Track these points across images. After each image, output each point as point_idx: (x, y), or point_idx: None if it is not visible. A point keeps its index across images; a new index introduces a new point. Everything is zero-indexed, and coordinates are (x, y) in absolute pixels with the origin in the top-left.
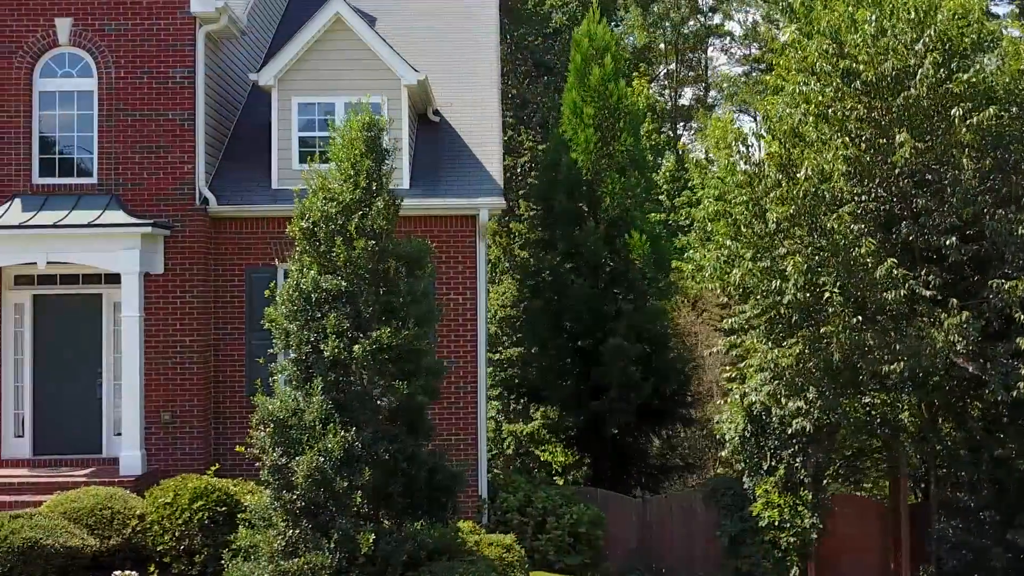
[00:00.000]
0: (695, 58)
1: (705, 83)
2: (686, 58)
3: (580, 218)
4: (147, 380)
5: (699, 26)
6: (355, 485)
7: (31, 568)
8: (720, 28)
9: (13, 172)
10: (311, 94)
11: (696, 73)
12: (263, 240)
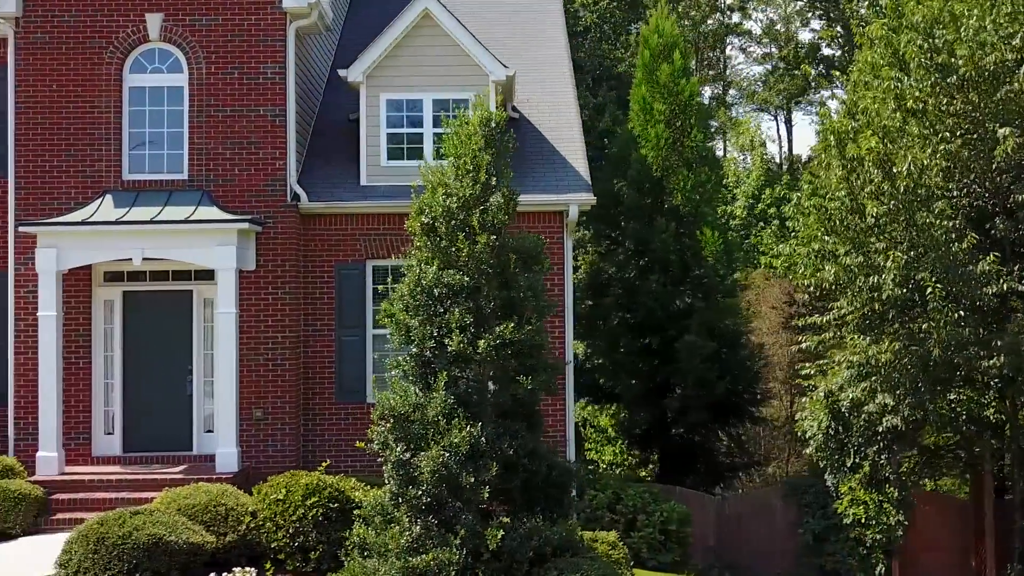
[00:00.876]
0: (715, 56)
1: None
2: (706, 56)
3: (650, 215)
4: (240, 377)
5: (718, 24)
6: (481, 480)
7: (156, 564)
8: (739, 27)
9: (104, 168)
10: (399, 90)
11: (715, 72)
12: (352, 236)
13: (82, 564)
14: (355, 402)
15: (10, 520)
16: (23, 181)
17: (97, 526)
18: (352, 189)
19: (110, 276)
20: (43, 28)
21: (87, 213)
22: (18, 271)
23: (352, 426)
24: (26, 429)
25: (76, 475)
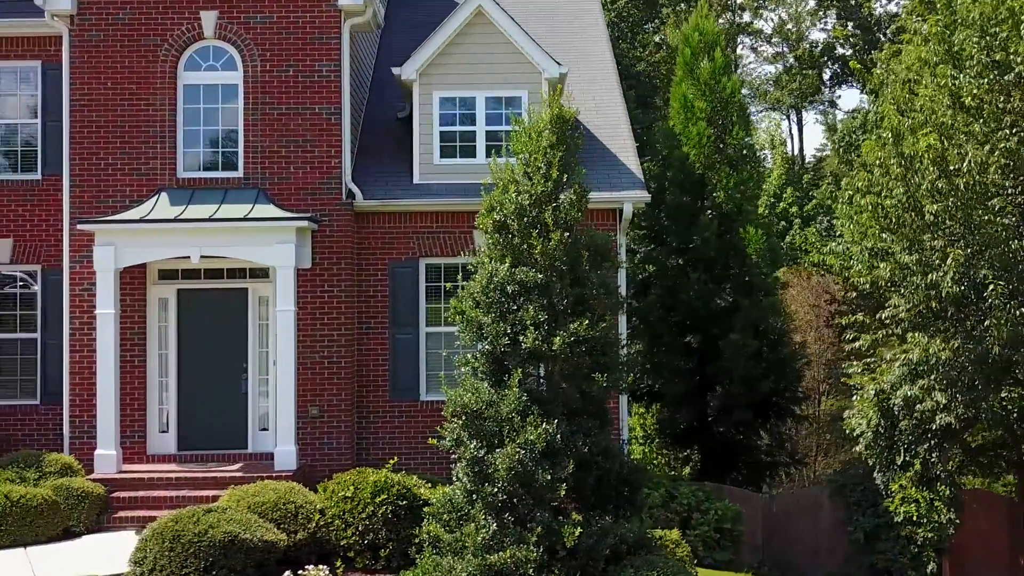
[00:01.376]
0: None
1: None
2: None
3: (692, 213)
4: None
5: (729, 24)
6: (558, 478)
7: (232, 562)
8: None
9: (159, 166)
10: (452, 88)
11: None
12: (405, 234)
13: (158, 561)
14: (409, 400)
15: (74, 518)
16: (78, 179)
17: (172, 524)
18: (405, 187)
19: (164, 274)
20: (97, 26)
21: (144, 211)
22: (73, 269)
23: (406, 424)
24: (81, 427)
25: (134, 473)
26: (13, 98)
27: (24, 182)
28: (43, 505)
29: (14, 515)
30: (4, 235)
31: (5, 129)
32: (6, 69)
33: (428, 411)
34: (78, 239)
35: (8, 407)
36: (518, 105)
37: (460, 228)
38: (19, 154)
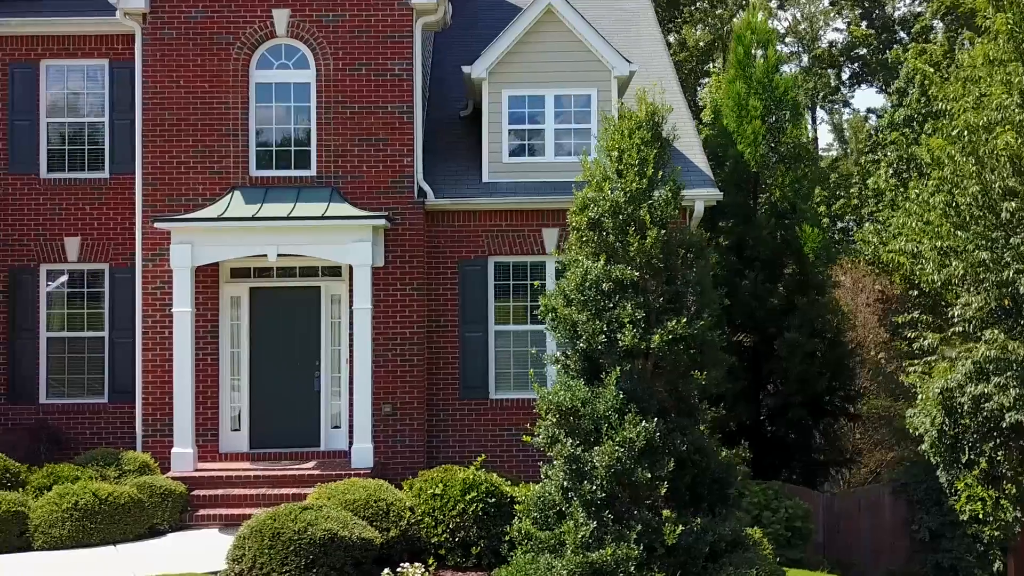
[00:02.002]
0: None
1: None
2: None
3: (747, 212)
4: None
5: None
6: (658, 476)
7: (332, 560)
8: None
9: (232, 165)
10: (521, 87)
11: None
12: (475, 233)
13: (257, 559)
14: (478, 398)
15: (158, 516)
16: (150, 178)
17: (270, 521)
18: (474, 185)
19: (237, 272)
20: (170, 24)
21: (219, 209)
22: (146, 267)
23: (475, 422)
24: (154, 425)
25: (210, 471)
26: (80, 96)
27: (91, 180)
28: (130, 503)
29: (103, 513)
30: (72, 233)
31: (72, 128)
32: (74, 68)
33: (497, 409)
34: (150, 237)
35: (76, 405)
36: (587, 103)
37: (529, 226)
38: (86, 152)
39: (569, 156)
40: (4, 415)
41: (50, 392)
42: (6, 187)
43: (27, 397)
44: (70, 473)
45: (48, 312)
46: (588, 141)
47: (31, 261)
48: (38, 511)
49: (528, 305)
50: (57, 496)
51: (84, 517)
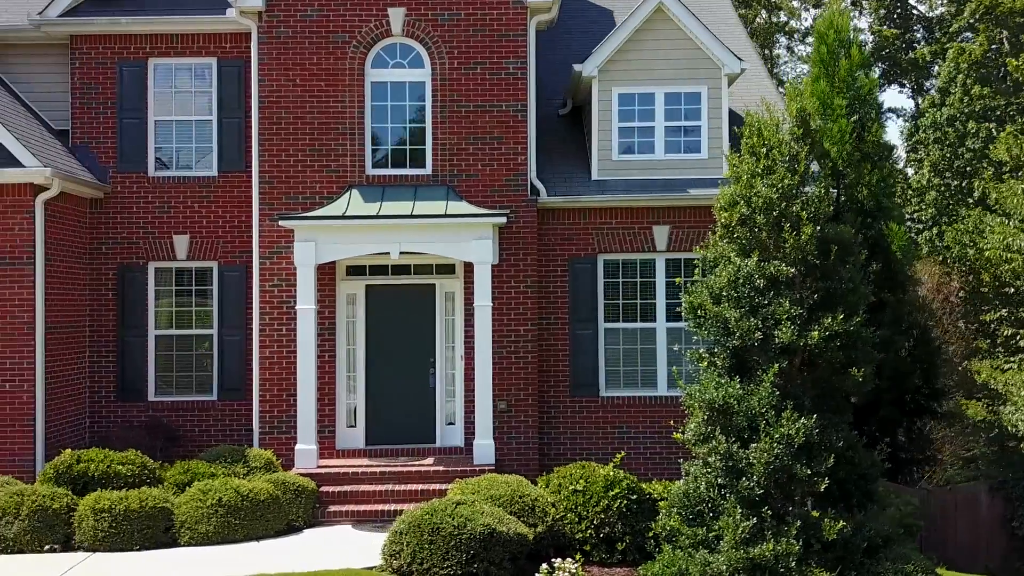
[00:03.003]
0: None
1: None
2: None
3: (836, 210)
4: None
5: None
6: (817, 472)
7: (491, 555)
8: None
9: (348, 163)
10: (631, 84)
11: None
12: (585, 231)
13: (417, 554)
14: (588, 396)
15: (293, 513)
16: (267, 176)
17: (428, 516)
18: (584, 183)
19: (352, 270)
20: (286, 23)
21: (341, 208)
22: (263, 265)
23: (585, 420)
24: (271, 423)
25: (332, 467)
26: (188, 95)
27: (199, 179)
28: (269, 500)
29: (246, 509)
30: (181, 231)
31: (180, 126)
32: (181, 66)
33: (608, 407)
34: (267, 235)
35: (185, 403)
36: (697, 101)
37: (639, 224)
38: (193, 151)
39: (679, 154)
40: (114, 413)
41: (158, 390)
42: (115, 185)
43: (137, 395)
44: (205, 470)
45: (156, 310)
46: (698, 139)
47: (140, 259)
48: (183, 507)
49: (638, 303)
50: (200, 493)
51: (228, 513)
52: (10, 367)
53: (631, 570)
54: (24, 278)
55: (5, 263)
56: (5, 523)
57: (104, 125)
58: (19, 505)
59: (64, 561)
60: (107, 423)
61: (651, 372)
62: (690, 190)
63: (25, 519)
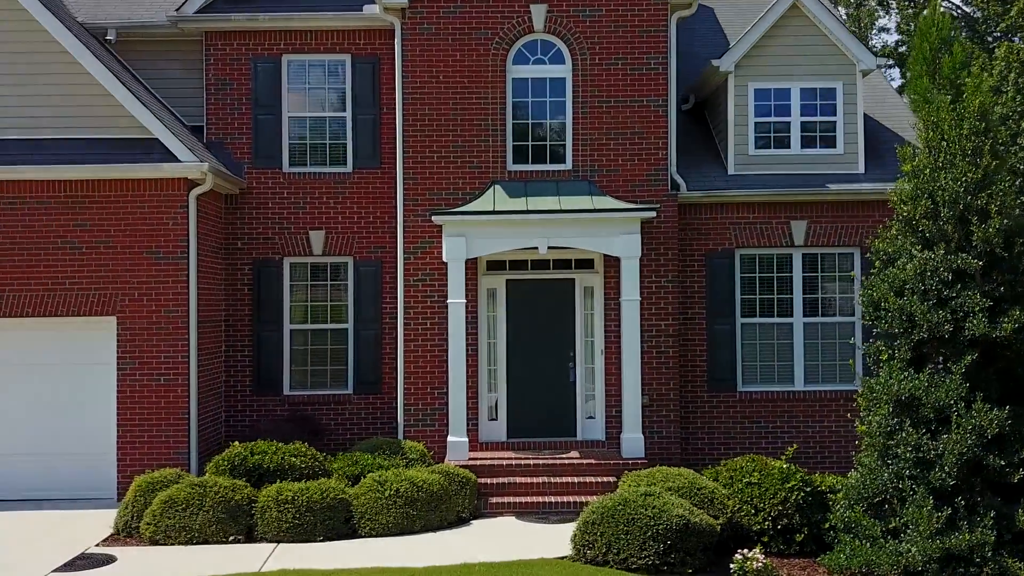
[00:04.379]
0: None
1: None
2: None
3: None
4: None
5: None
6: (1010, 463)
7: (687, 545)
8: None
9: (490, 159)
10: (767, 80)
11: None
12: (722, 225)
13: (613, 544)
14: (726, 391)
15: (459, 504)
16: (411, 172)
17: (621, 507)
18: (720, 178)
19: (492, 265)
20: (429, 19)
21: (487, 203)
22: (407, 260)
23: (723, 415)
24: (416, 415)
25: (483, 460)
26: (321, 91)
27: (333, 175)
28: (440, 491)
29: (421, 500)
30: (316, 227)
31: (313, 122)
32: (315, 63)
33: (745, 402)
34: (411, 231)
35: (320, 396)
36: (832, 96)
37: (777, 219)
38: (327, 147)
39: (814, 149)
40: (250, 407)
41: (293, 384)
42: (251, 181)
43: (273, 389)
44: (370, 461)
45: (291, 304)
46: (833, 134)
47: (275, 254)
48: (361, 499)
49: (775, 298)
50: (377, 484)
51: (406, 504)
52: (165, 360)
53: (810, 561)
54: (179, 272)
55: (159, 257)
56: (189, 514)
57: (239, 121)
58: (202, 496)
59: (256, 552)
60: (243, 417)
61: (787, 367)
62: (829, 185)
63: (209, 510)
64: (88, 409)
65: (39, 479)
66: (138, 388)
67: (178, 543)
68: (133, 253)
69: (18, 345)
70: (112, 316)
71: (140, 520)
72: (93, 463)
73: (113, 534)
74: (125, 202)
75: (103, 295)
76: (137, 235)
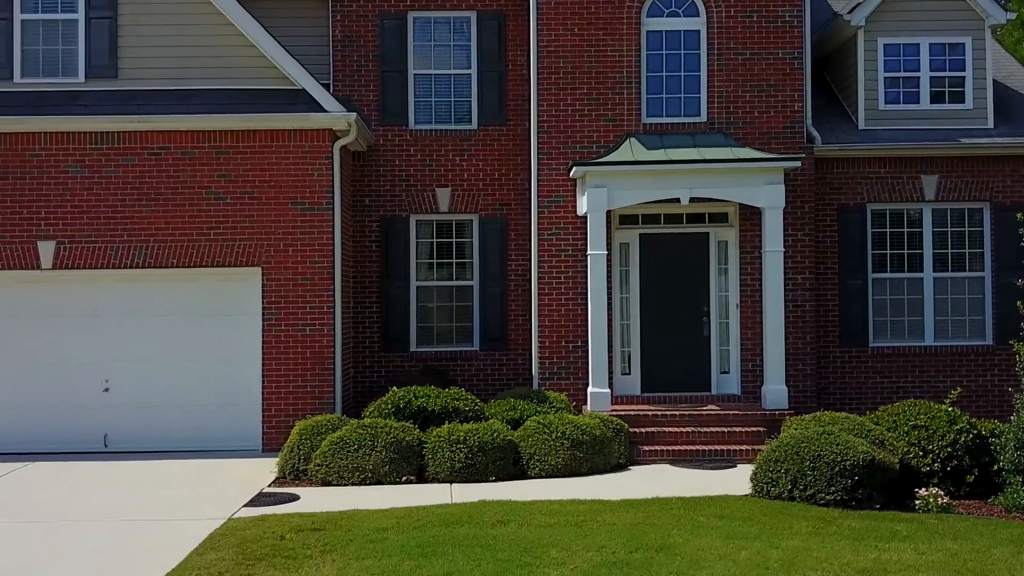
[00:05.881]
0: None
1: None
2: None
3: None
4: (757, 318)
5: None
6: None
7: (872, 481)
8: None
9: (625, 112)
10: (896, 35)
11: None
12: (853, 180)
13: (799, 481)
14: (857, 346)
15: (615, 450)
16: (545, 125)
17: (805, 444)
18: (851, 132)
19: (625, 220)
20: None
21: (626, 154)
22: (541, 214)
23: (855, 370)
24: (550, 368)
25: (625, 411)
26: (446, 48)
27: (459, 132)
28: (601, 436)
29: (587, 443)
30: (442, 184)
31: (439, 79)
32: (440, 20)
33: (877, 357)
34: (545, 185)
35: (446, 353)
36: (961, 51)
37: (908, 174)
38: (452, 104)
39: (943, 104)
40: (378, 363)
41: (419, 340)
42: (378, 138)
43: (400, 345)
44: (526, 407)
45: (417, 262)
46: (962, 89)
47: (402, 211)
48: (528, 441)
49: (905, 253)
50: (541, 427)
51: (573, 447)
52: (310, 311)
53: (981, 502)
54: (324, 223)
55: (304, 208)
56: (362, 455)
57: (365, 78)
58: (373, 437)
59: (433, 490)
60: (371, 373)
61: (917, 323)
62: (961, 139)
63: (381, 451)
64: (232, 360)
65: (183, 429)
66: (283, 339)
67: (351, 483)
68: (278, 204)
69: (162, 296)
70: (257, 267)
71: (307, 463)
72: (236, 413)
73: (279, 477)
74: (269, 153)
75: (248, 246)
76: (281, 186)
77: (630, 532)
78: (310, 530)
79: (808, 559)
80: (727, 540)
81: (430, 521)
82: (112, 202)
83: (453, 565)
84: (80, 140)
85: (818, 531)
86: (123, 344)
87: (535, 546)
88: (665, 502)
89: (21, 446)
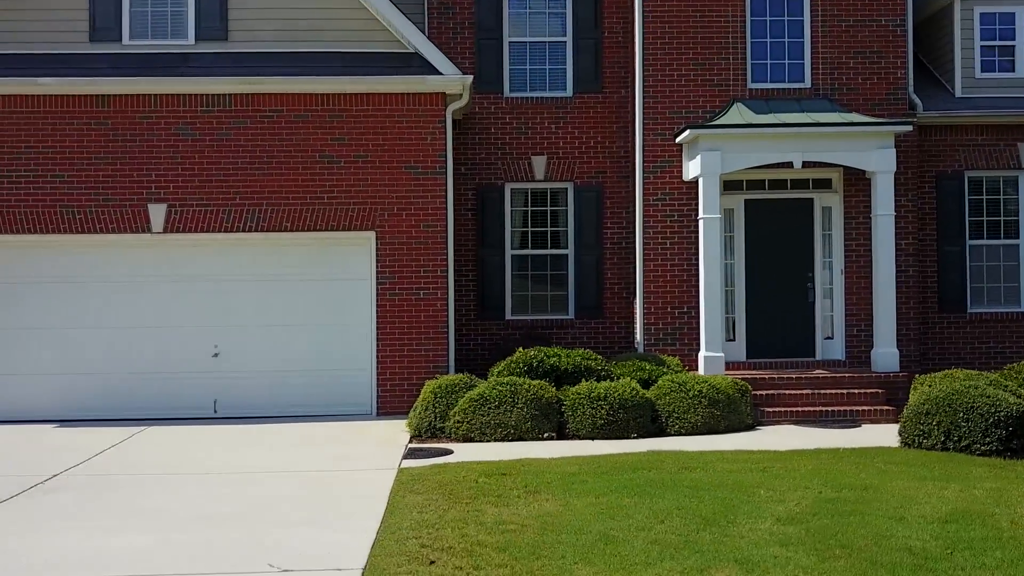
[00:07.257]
0: None
1: None
2: None
3: None
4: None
5: None
6: None
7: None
8: None
9: (730, 77)
10: (992, 4)
11: None
12: (951, 147)
13: (952, 432)
14: (955, 312)
15: (745, 411)
16: (651, 91)
17: (957, 396)
18: (947, 100)
19: (729, 185)
20: None
21: (735, 118)
22: (647, 179)
23: (954, 335)
24: (656, 335)
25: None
26: (541, 16)
27: (554, 99)
28: (734, 395)
29: (721, 403)
30: (538, 152)
31: (534, 47)
32: None
33: (976, 323)
34: (651, 150)
35: (542, 321)
36: None
37: (1004, 141)
38: (546, 71)
39: None
40: (474, 331)
41: (514, 307)
42: (474, 105)
43: (496, 313)
44: (652, 368)
45: (512, 230)
46: None
47: (498, 179)
48: (664, 399)
49: (1001, 220)
50: (677, 386)
51: (710, 405)
52: (424, 275)
53: None
54: (437, 187)
55: (418, 172)
56: (503, 411)
57: (461, 46)
58: (514, 394)
59: (579, 446)
60: (468, 340)
61: (1013, 289)
62: None
63: (523, 407)
64: (343, 324)
65: (291, 395)
66: (397, 303)
67: (493, 439)
68: (391, 168)
69: (272, 260)
70: (371, 231)
71: (444, 421)
72: (347, 377)
73: (413, 436)
74: (383, 116)
75: (362, 210)
76: (395, 150)
77: (821, 475)
78: (499, 475)
79: (1012, 495)
80: (920, 482)
81: (612, 468)
82: (224, 165)
83: (676, 501)
84: (191, 102)
85: (998, 475)
86: (233, 309)
87: (741, 485)
88: (833, 452)
89: (132, 412)
